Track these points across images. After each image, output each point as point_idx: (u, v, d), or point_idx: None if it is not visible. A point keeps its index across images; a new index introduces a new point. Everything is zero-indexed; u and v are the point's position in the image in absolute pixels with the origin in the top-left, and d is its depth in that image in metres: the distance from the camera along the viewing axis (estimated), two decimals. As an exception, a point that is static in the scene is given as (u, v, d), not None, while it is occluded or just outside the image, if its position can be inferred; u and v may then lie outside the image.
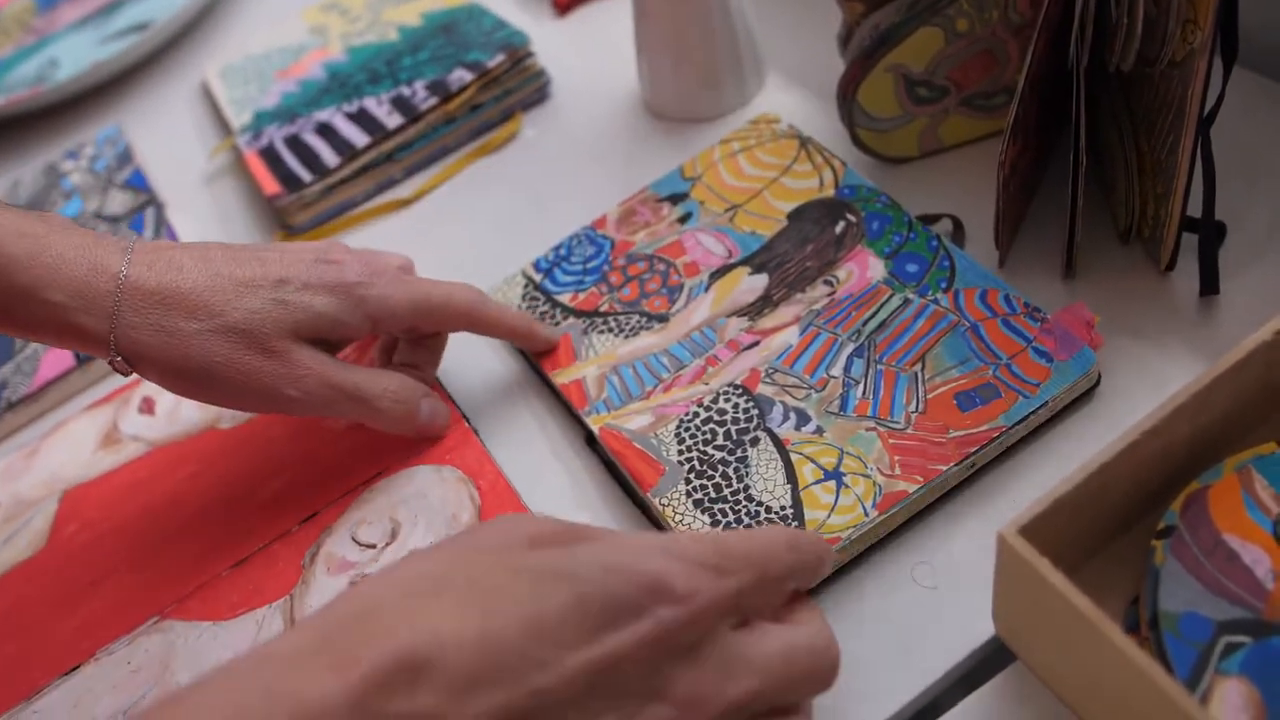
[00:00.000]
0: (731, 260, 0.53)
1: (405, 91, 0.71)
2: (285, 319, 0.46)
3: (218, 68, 0.82)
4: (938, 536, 0.43)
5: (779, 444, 0.45)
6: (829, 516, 0.42)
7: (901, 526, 0.43)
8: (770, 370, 0.48)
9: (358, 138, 0.69)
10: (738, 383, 0.48)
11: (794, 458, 0.44)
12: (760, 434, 0.46)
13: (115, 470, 0.57)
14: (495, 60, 0.69)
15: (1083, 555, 0.38)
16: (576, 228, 0.59)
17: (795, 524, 0.42)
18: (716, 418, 0.47)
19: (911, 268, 0.49)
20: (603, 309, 0.53)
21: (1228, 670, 0.33)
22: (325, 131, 0.70)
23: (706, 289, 0.52)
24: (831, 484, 0.43)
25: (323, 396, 0.47)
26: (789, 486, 0.43)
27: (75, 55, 0.90)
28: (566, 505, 0.48)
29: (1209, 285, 0.46)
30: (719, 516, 0.43)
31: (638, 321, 0.52)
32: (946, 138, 0.57)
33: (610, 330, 0.52)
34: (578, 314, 0.54)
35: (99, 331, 0.45)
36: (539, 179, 0.66)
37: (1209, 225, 0.45)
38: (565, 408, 0.52)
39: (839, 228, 0.52)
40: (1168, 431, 0.35)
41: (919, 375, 0.46)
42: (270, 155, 0.70)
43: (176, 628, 0.48)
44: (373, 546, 0.48)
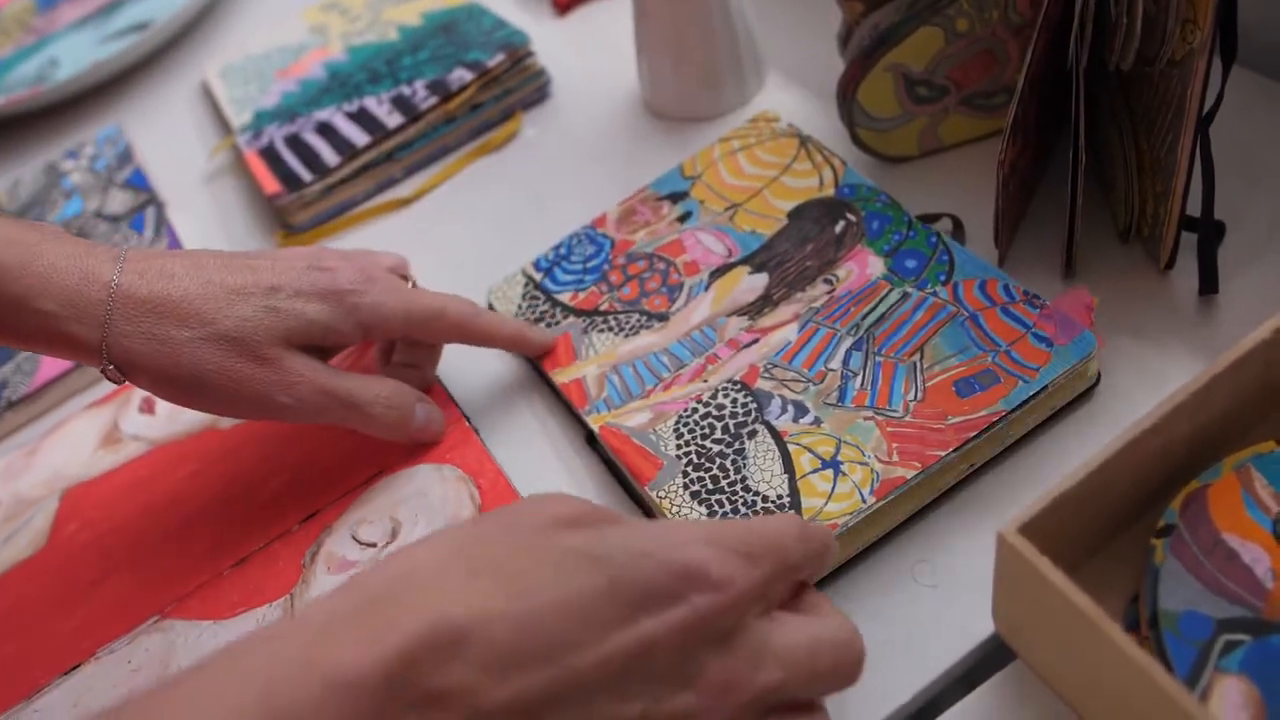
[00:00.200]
0: (731, 259, 0.53)
1: (405, 91, 0.71)
2: (277, 326, 0.46)
3: (218, 67, 0.82)
4: (938, 535, 0.43)
5: (776, 435, 0.45)
6: (826, 504, 0.42)
7: (902, 525, 0.43)
8: (769, 366, 0.48)
9: (358, 137, 0.69)
10: (736, 379, 0.48)
11: (791, 448, 0.44)
12: (758, 426, 0.45)
13: (116, 469, 0.57)
14: (495, 60, 0.70)
15: (1083, 554, 0.38)
16: (576, 227, 0.59)
17: (792, 512, 0.42)
18: (715, 413, 0.47)
19: (910, 263, 0.49)
20: (603, 308, 0.54)
21: (1227, 668, 0.33)
22: (325, 131, 0.70)
23: (706, 288, 0.52)
24: (829, 472, 0.43)
25: (315, 403, 0.47)
26: (786, 476, 0.43)
27: (75, 55, 0.90)
28: (567, 504, 0.48)
29: (1208, 284, 0.46)
30: (716, 507, 0.43)
31: (638, 320, 0.52)
32: (946, 137, 0.57)
33: (610, 329, 0.52)
34: (578, 313, 0.54)
35: (91, 340, 0.45)
36: (539, 178, 0.66)
37: (1208, 224, 0.46)
38: (565, 407, 0.52)
39: (839, 227, 0.52)
40: (1167, 430, 0.35)
41: (917, 365, 0.45)
42: (270, 154, 0.70)
43: (177, 627, 0.48)
44: (373, 545, 0.48)
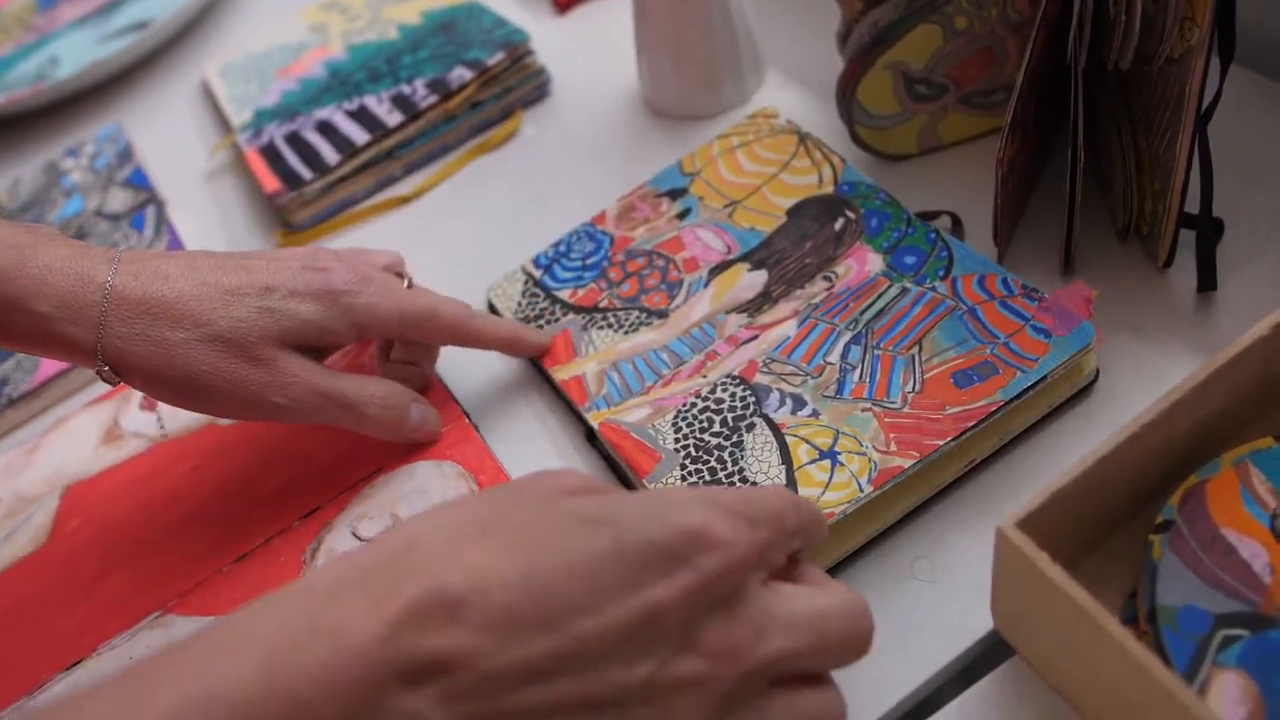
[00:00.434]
0: (730, 256, 0.53)
1: (405, 89, 0.71)
2: (271, 327, 0.46)
3: (218, 66, 0.82)
4: (937, 531, 0.43)
5: (774, 428, 0.45)
6: (823, 494, 0.41)
7: (901, 521, 0.43)
8: (767, 360, 0.48)
9: (358, 135, 0.69)
10: (735, 374, 0.48)
11: (789, 440, 0.44)
12: (756, 419, 0.45)
13: (117, 466, 0.57)
14: (495, 58, 0.70)
15: (1081, 550, 0.38)
16: (576, 225, 0.59)
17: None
18: (714, 407, 0.47)
19: (909, 259, 0.49)
20: (602, 305, 0.54)
21: (1225, 663, 0.33)
22: (325, 129, 0.71)
23: (706, 285, 0.52)
24: (826, 463, 0.43)
25: (310, 404, 0.47)
26: (783, 467, 0.43)
27: (75, 53, 0.90)
28: (567, 501, 0.48)
29: (1207, 282, 0.46)
30: None
31: (637, 317, 0.52)
32: (945, 135, 0.57)
33: (610, 326, 0.52)
34: (577, 310, 0.54)
35: (86, 341, 0.45)
36: (539, 176, 0.66)
37: (1206, 222, 0.46)
38: (565, 404, 0.52)
39: (838, 224, 0.52)
40: (1166, 426, 0.35)
41: (916, 357, 0.45)
42: (270, 153, 0.70)
43: (178, 623, 0.48)
44: (372, 539, 0.48)
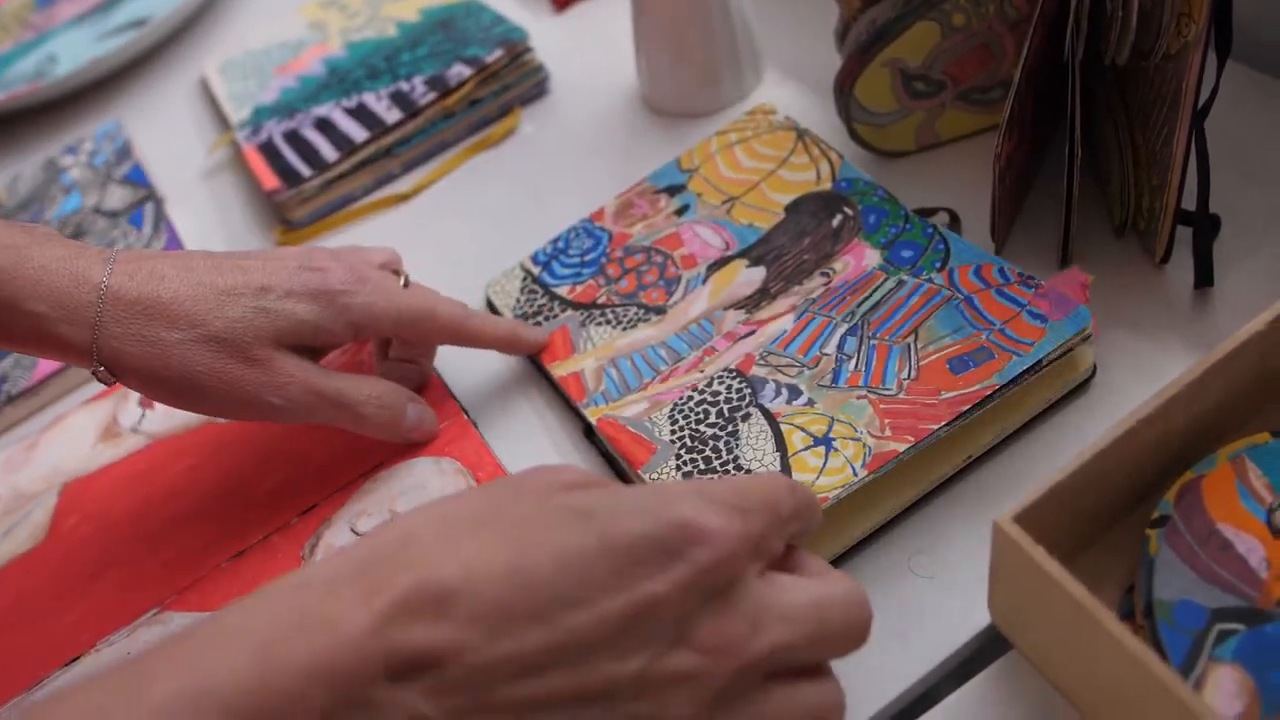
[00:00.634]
0: (729, 253, 0.53)
1: (404, 87, 0.71)
2: (267, 327, 0.46)
3: (217, 63, 0.82)
4: (935, 527, 0.43)
5: (769, 417, 0.45)
6: (818, 479, 0.41)
7: (899, 516, 0.43)
8: (764, 354, 0.48)
9: (356, 133, 0.69)
10: (732, 367, 0.48)
11: (784, 428, 0.44)
12: (752, 409, 0.45)
13: (115, 463, 0.57)
14: (494, 55, 0.70)
15: (1078, 545, 0.38)
16: (574, 221, 0.59)
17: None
18: (710, 399, 0.47)
19: (906, 253, 0.49)
20: (600, 301, 0.54)
21: (1221, 657, 0.33)
22: (324, 127, 0.71)
23: (704, 281, 0.52)
24: (820, 449, 0.43)
25: (306, 404, 0.47)
26: (778, 454, 0.43)
27: (74, 51, 0.90)
28: (565, 497, 0.48)
29: (1203, 278, 0.46)
30: None
31: (635, 314, 0.52)
32: (943, 132, 0.57)
33: (608, 322, 0.53)
34: (575, 306, 0.54)
35: (81, 342, 0.45)
36: (537, 174, 0.66)
37: (1203, 218, 0.46)
38: (564, 400, 0.52)
39: (836, 221, 0.52)
40: (1162, 421, 0.36)
41: (912, 345, 0.45)
42: (269, 150, 0.70)
43: (176, 619, 0.48)
44: (369, 533, 0.48)
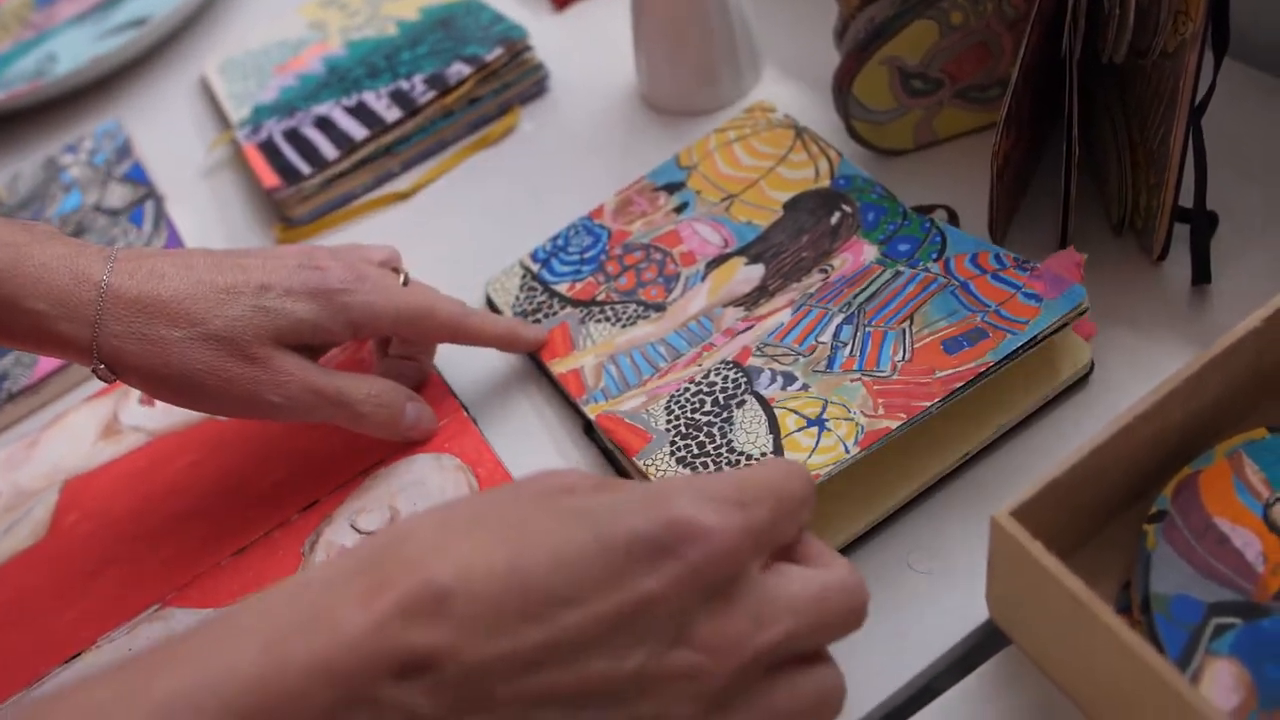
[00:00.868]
0: (728, 250, 0.53)
1: (404, 85, 0.71)
2: (267, 325, 0.46)
3: (217, 62, 0.83)
4: (933, 523, 0.43)
5: (764, 402, 0.45)
6: (809, 458, 0.41)
7: (897, 512, 0.43)
8: (761, 345, 0.48)
9: (356, 131, 0.69)
10: (729, 359, 0.48)
11: (778, 412, 0.44)
12: (747, 397, 0.45)
13: (115, 460, 0.58)
14: (493, 54, 0.70)
15: (1075, 541, 0.38)
16: (574, 219, 0.59)
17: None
18: (706, 389, 0.47)
19: (903, 247, 0.49)
20: (600, 298, 0.54)
21: (1218, 651, 0.33)
22: (324, 125, 0.71)
23: (703, 278, 0.53)
24: (813, 430, 0.43)
25: (305, 402, 0.47)
26: (771, 436, 0.43)
27: (74, 50, 0.91)
28: (564, 493, 0.48)
29: (1201, 275, 0.46)
30: (700, 469, 0.43)
31: (634, 311, 0.53)
32: (941, 130, 0.57)
33: (607, 319, 0.53)
34: (575, 303, 0.54)
35: (81, 339, 0.45)
36: (537, 172, 0.67)
37: (1201, 215, 0.46)
38: (563, 397, 0.52)
39: (834, 218, 0.52)
40: (1160, 416, 0.36)
41: (907, 330, 0.45)
42: (269, 148, 0.71)
43: (177, 615, 0.48)
44: (372, 534, 0.48)
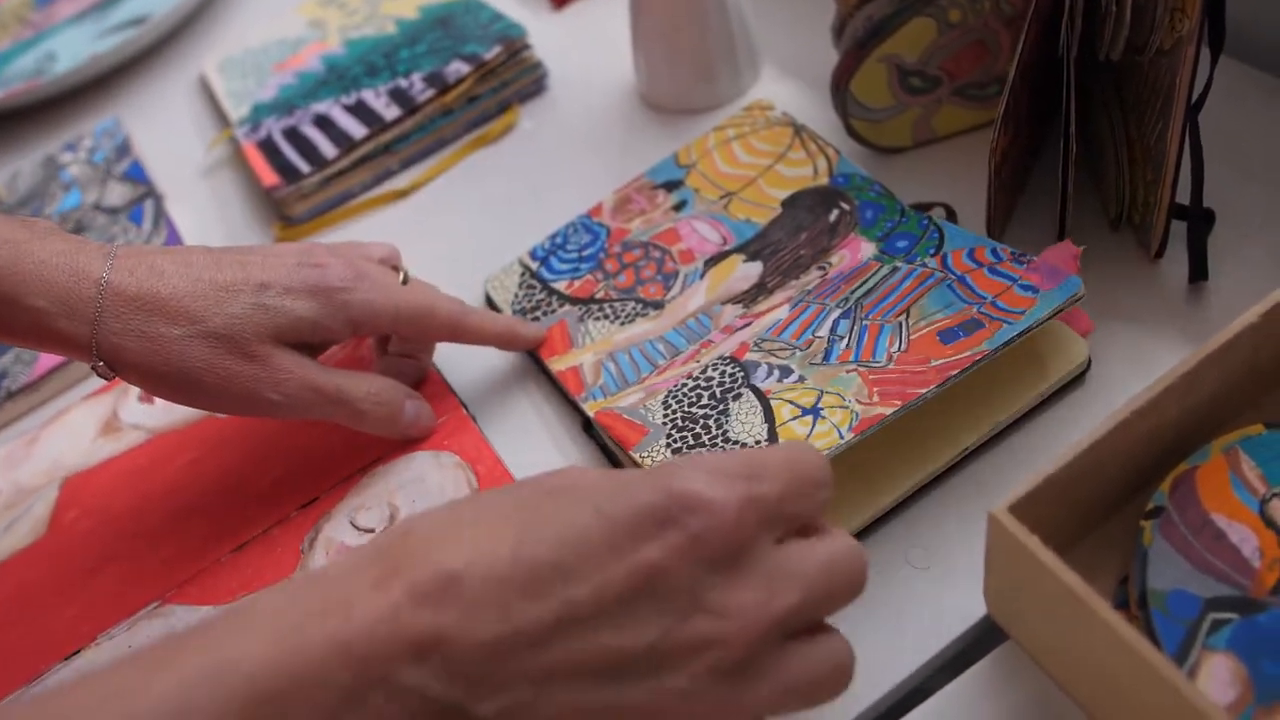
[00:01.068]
0: (726, 247, 0.54)
1: (403, 84, 0.71)
2: (266, 323, 0.46)
3: (216, 61, 0.83)
4: (931, 519, 0.43)
5: (760, 395, 0.45)
6: None
7: (895, 509, 0.43)
8: (759, 341, 0.48)
9: (355, 129, 0.69)
10: (727, 354, 0.48)
11: (774, 402, 0.44)
12: (744, 390, 0.46)
13: (115, 457, 0.58)
14: (492, 52, 0.70)
15: (1072, 536, 0.38)
16: (573, 217, 0.59)
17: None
18: (703, 384, 0.47)
19: (901, 244, 0.49)
20: (598, 296, 0.54)
21: (1215, 646, 0.33)
22: (323, 123, 0.71)
23: (701, 276, 0.53)
24: (808, 418, 0.43)
25: (304, 400, 0.47)
26: (766, 425, 0.43)
27: (73, 49, 0.91)
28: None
29: (1198, 271, 0.47)
30: None
31: (633, 308, 0.53)
32: (939, 128, 0.57)
33: (606, 317, 0.53)
34: (574, 301, 0.54)
35: (81, 336, 0.45)
36: (536, 170, 0.67)
37: (1198, 212, 0.46)
38: (562, 394, 0.52)
39: (833, 216, 0.53)
40: (1156, 412, 0.36)
41: (903, 323, 0.45)
42: (268, 147, 0.71)
43: (177, 612, 0.49)
44: (371, 531, 0.48)
